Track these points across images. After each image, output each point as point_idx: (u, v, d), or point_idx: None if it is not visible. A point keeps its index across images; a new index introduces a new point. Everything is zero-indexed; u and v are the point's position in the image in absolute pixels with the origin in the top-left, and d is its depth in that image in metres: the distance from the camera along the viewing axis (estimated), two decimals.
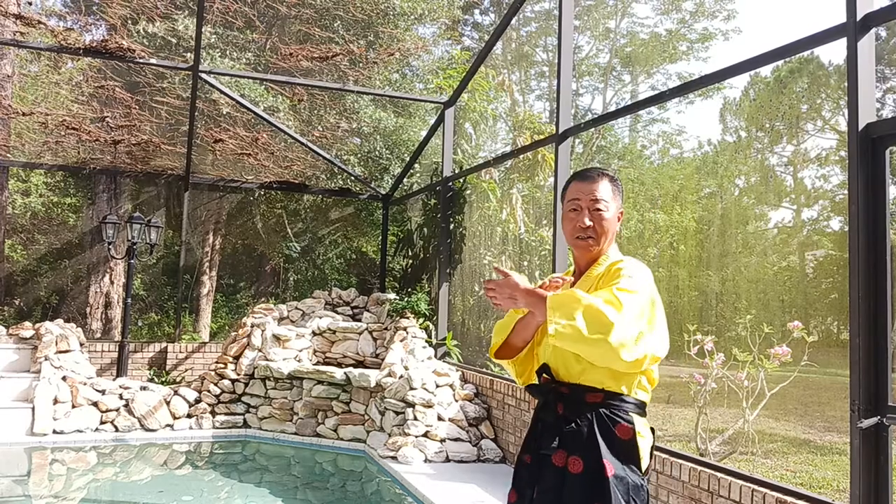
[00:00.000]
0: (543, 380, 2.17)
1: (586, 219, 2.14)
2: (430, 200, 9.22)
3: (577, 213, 2.16)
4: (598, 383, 2.05)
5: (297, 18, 10.11)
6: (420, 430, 5.94)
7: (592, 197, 2.15)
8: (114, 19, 8.37)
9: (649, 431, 2.10)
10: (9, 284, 13.12)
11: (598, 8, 21.86)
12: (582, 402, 2.05)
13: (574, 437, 2.02)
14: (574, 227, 2.17)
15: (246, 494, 5.10)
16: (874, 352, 2.88)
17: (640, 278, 2.04)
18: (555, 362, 2.14)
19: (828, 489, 5.75)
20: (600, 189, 2.16)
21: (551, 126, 9.99)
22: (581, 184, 2.19)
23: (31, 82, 11.51)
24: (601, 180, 2.18)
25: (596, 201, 2.15)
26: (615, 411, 2.05)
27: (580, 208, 2.16)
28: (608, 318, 1.87)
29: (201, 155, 9.54)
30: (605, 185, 2.17)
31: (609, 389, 2.05)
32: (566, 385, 2.09)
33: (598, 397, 2.05)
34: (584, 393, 2.06)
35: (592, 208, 2.15)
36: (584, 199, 2.16)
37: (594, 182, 2.17)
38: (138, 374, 8.24)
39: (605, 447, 2.00)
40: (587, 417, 2.03)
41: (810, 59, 20.43)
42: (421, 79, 13.46)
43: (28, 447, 6.13)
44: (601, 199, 2.15)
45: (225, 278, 15.30)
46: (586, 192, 2.16)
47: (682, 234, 19.38)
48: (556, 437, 2.05)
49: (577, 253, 2.21)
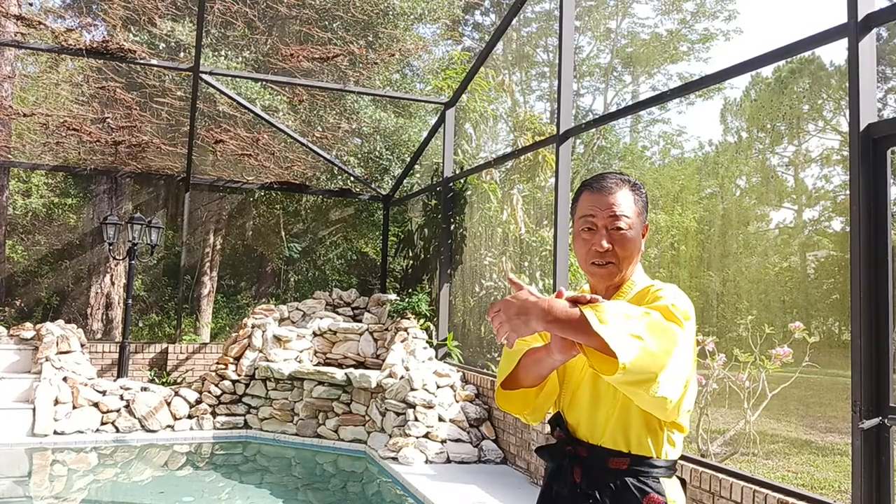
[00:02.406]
0: (557, 435, 1.77)
1: (604, 241, 1.69)
2: (430, 201, 9.22)
3: (593, 234, 1.71)
4: (624, 445, 1.66)
5: (297, 19, 10.11)
6: (421, 430, 5.94)
7: (611, 213, 1.70)
8: (114, 20, 8.38)
9: (680, 493, 1.71)
10: (9, 285, 13.13)
11: (599, 8, 21.86)
12: (605, 468, 1.66)
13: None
14: (589, 250, 1.72)
15: (247, 495, 5.10)
16: (875, 352, 2.88)
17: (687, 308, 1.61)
18: (574, 416, 1.73)
19: (829, 490, 5.74)
20: (620, 202, 1.71)
21: (552, 126, 9.98)
22: (595, 196, 1.73)
23: (31, 83, 11.52)
24: (620, 190, 1.72)
25: (616, 218, 1.69)
26: (643, 479, 1.66)
27: (596, 227, 1.71)
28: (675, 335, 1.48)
29: (202, 155, 9.54)
30: (625, 195, 1.72)
31: (636, 453, 1.66)
32: (585, 446, 1.69)
33: (624, 463, 1.65)
34: (607, 458, 1.66)
35: (612, 227, 1.70)
36: (599, 215, 1.70)
37: (611, 193, 1.71)
38: (139, 375, 8.25)
39: None
40: (610, 488, 1.65)
41: (811, 60, 20.42)
42: (421, 79, 13.47)
43: (29, 448, 6.13)
44: (622, 216, 1.70)
45: (225, 279, 15.30)
46: (603, 207, 1.71)
47: (683, 235, 19.37)
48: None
49: (594, 281, 1.77)
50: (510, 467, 5.78)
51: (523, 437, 5.64)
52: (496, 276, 8.94)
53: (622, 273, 1.74)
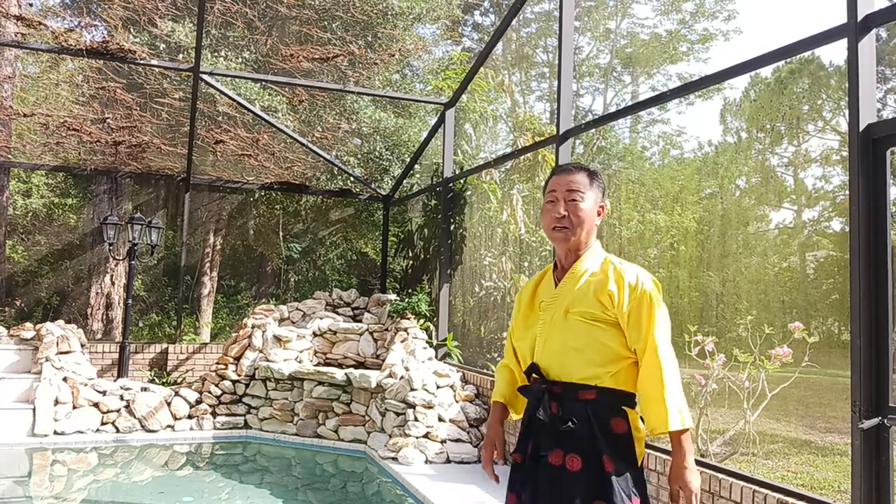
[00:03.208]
0: (533, 380, 2.17)
1: (561, 208, 2.14)
2: (430, 201, 9.22)
3: (553, 204, 2.17)
4: (592, 380, 2.06)
5: (297, 19, 10.11)
6: (421, 430, 5.94)
7: (568, 187, 2.15)
8: (114, 20, 8.38)
9: (641, 423, 2.12)
10: (10, 285, 13.12)
11: (599, 9, 21.86)
12: (576, 399, 2.06)
13: (570, 436, 2.03)
14: (550, 217, 2.17)
15: (247, 495, 5.10)
16: (875, 352, 2.88)
17: (659, 299, 2.11)
18: (546, 361, 2.14)
19: (829, 490, 5.75)
20: (576, 180, 2.17)
21: (552, 127, 9.99)
22: (558, 176, 2.21)
23: (31, 83, 11.52)
24: (578, 172, 2.20)
25: (571, 191, 2.14)
26: (610, 406, 2.07)
27: (556, 199, 2.17)
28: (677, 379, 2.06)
29: (202, 156, 9.54)
30: (581, 176, 2.18)
31: (602, 385, 2.06)
32: (559, 384, 2.09)
33: (592, 394, 2.06)
34: (578, 391, 2.07)
35: (568, 198, 2.14)
36: (559, 189, 2.17)
37: (570, 174, 2.19)
38: (139, 375, 8.25)
39: (602, 443, 2.02)
40: (582, 415, 2.04)
41: (811, 60, 20.43)
42: (421, 79, 13.47)
43: (29, 448, 6.13)
44: (576, 190, 2.15)
45: (225, 279, 15.30)
46: (562, 184, 2.17)
47: (683, 235, 19.37)
48: (552, 437, 2.06)
49: (556, 245, 2.22)
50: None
51: None
52: (496, 277, 8.94)
53: (577, 237, 2.15)
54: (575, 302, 2.11)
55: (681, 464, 2.02)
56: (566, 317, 2.10)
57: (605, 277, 2.11)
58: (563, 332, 2.10)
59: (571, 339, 2.09)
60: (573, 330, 2.09)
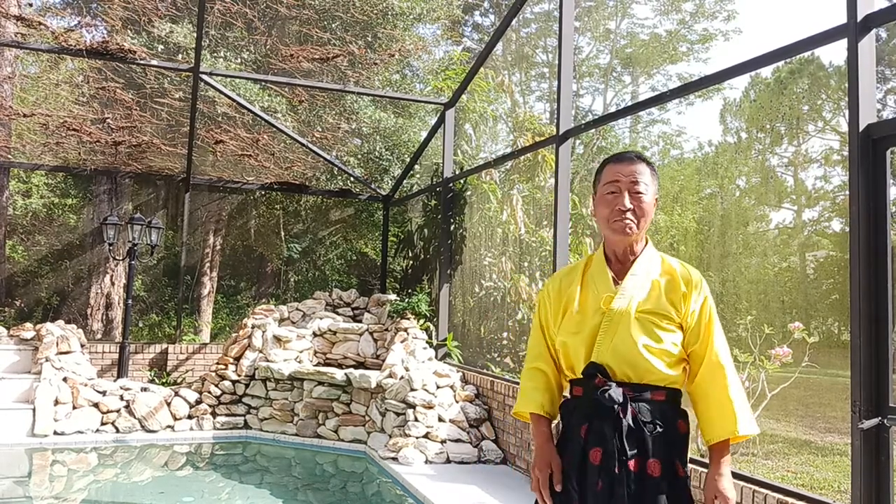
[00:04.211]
0: (599, 381, 2.00)
1: (626, 200, 2.04)
2: (430, 201, 9.22)
3: (616, 196, 2.05)
4: (664, 381, 2.00)
5: (297, 19, 10.11)
6: (421, 431, 5.94)
7: (633, 178, 2.06)
8: (114, 20, 8.38)
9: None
10: (9, 285, 13.12)
11: (599, 9, 21.86)
12: (648, 401, 1.99)
13: (648, 440, 1.95)
14: (613, 209, 2.05)
15: (247, 496, 5.10)
16: (875, 353, 2.88)
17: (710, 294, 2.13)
18: (614, 361, 2.01)
19: (829, 490, 5.75)
20: (639, 170, 2.08)
21: (552, 127, 9.99)
22: (619, 165, 2.09)
23: (31, 83, 11.51)
24: (639, 162, 2.10)
25: (636, 182, 2.05)
26: (675, 408, 2.03)
27: (619, 190, 2.05)
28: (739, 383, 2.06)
29: (202, 156, 9.54)
30: (643, 166, 2.10)
31: (671, 387, 2.02)
32: (629, 385, 1.99)
33: (662, 395, 2.01)
34: (650, 392, 1.99)
35: (633, 190, 2.05)
36: (623, 180, 2.06)
37: (633, 163, 2.09)
38: (139, 375, 8.25)
39: (674, 447, 1.98)
40: (656, 417, 1.97)
41: (811, 60, 20.43)
42: (421, 79, 13.46)
43: (29, 448, 6.13)
44: (641, 181, 2.06)
45: (225, 279, 15.30)
46: (626, 174, 2.06)
47: (683, 235, 19.37)
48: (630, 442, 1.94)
49: (615, 238, 2.09)
50: (510, 467, 5.79)
51: (523, 437, 5.65)
52: (496, 277, 8.94)
53: (638, 231, 2.06)
54: (647, 301, 2.04)
55: (721, 472, 1.98)
56: (637, 315, 2.02)
57: (673, 278, 2.08)
58: (636, 331, 2.00)
59: (645, 338, 2.00)
60: (646, 329, 2.00)
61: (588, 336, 2.05)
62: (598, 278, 2.12)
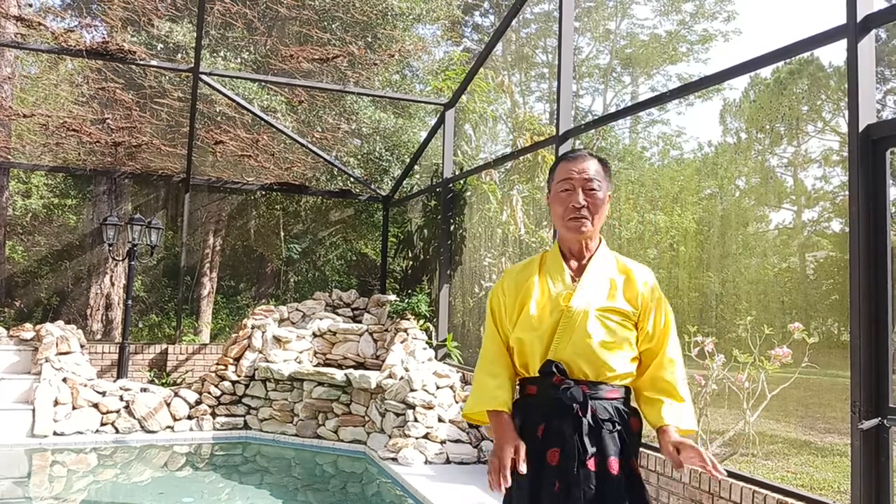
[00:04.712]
0: (557, 380, 1.97)
1: (580, 197, 2.06)
2: (430, 202, 9.22)
3: (570, 193, 2.08)
4: (617, 379, 2.01)
5: (297, 20, 10.11)
6: (420, 431, 5.94)
7: (586, 176, 2.08)
8: (114, 21, 8.38)
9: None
10: (9, 286, 13.12)
11: (598, 9, 21.87)
12: (604, 398, 1.99)
13: (606, 439, 1.95)
14: (567, 207, 2.08)
15: (246, 496, 5.10)
16: (875, 353, 2.88)
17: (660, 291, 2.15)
18: (572, 358, 1.99)
19: (828, 490, 5.75)
20: (592, 168, 2.10)
21: (551, 127, 9.99)
22: (572, 163, 2.11)
23: (31, 83, 11.52)
24: (592, 159, 2.12)
25: (589, 180, 2.07)
26: (629, 405, 2.05)
27: (573, 188, 2.08)
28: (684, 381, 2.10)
29: (201, 156, 9.54)
30: (596, 164, 2.12)
31: (625, 384, 2.04)
32: (586, 383, 1.98)
33: (618, 393, 2.01)
34: (607, 391, 1.99)
35: (586, 187, 2.07)
36: (576, 177, 2.08)
37: (585, 161, 2.11)
38: (139, 376, 8.25)
39: (629, 444, 1.99)
40: (613, 415, 1.98)
41: (810, 61, 20.43)
42: (421, 80, 13.47)
43: (29, 449, 6.13)
44: (594, 178, 2.08)
45: (225, 280, 15.30)
46: (578, 171, 2.09)
47: (683, 236, 19.36)
48: (591, 441, 1.93)
49: (570, 235, 2.11)
50: None
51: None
52: (496, 277, 8.94)
53: (593, 228, 2.09)
54: (605, 298, 2.04)
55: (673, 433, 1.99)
56: (595, 313, 2.01)
57: (629, 277, 2.10)
58: (594, 329, 1.99)
59: (603, 336, 1.99)
60: (604, 327, 2.00)
61: (546, 333, 2.02)
62: (555, 275, 2.11)
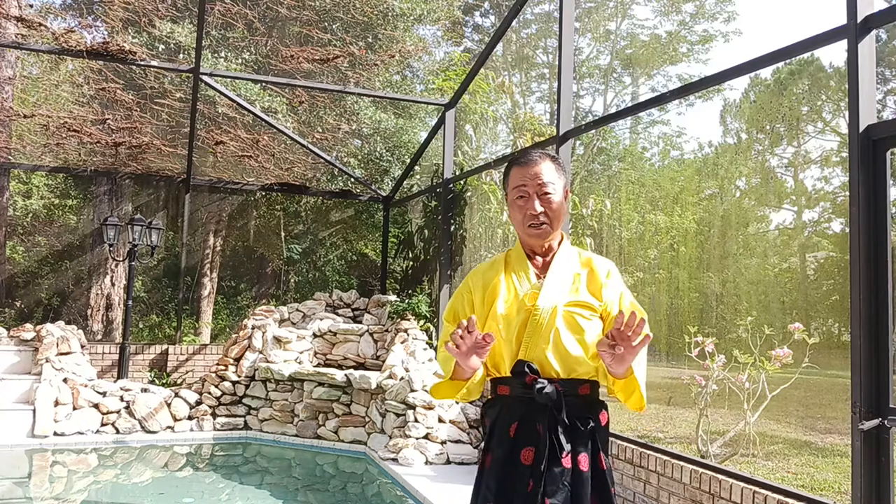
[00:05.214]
0: (529, 379, 1.95)
1: (536, 204, 2.02)
2: (430, 202, 9.22)
3: (526, 200, 2.04)
4: (587, 374, 2.00)
5: (297, 20, 10.12)
6: (421, 431, 5.94)
7: (538, 181, 2.03)
8: (114, 21, 8.38)
9: None
10: (10, 286, 13.12)
11: (599, 10, 21.88)
12: (576, 395, 1.98)
13: (578, 435, 1.94)
14: (525, 214, 2.04)
15: (247, 496, 5.10)
16: (875, 353, 2.88)
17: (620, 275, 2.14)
18: (542, 356, 1.97)
19: (829, 491, 5.74)
20: (544, 171, 2.04)
21: (552, 128, 9.99)
22: (524, 168, 2.06)
23: (32, 84, 11.52)
24: (543, 161, 2.06)
25: (542, 185, 2.03)
26: (597, 399, 2.04)
27: (528, 195, 2.04)
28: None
29: (202, 157, 9.54)
30: (547, 166, 2.06)
31: (593, 379, 2.02)
32: (558, 381, 1.96)
33: (587, 388, 2.01)
34: (577, 386, 1.99)
35: (541, 192, 2.03)
36: (529, 184, 2.03)
37: (536, 164, 2.05)
38: (139, 376, 8.25)
39: (598, 439, 1.98)
40: (585, 411, 1.97)
41: (811, 61, 20.45)
42: (421, 80, 13.47)
43: (29, 449, 6.13)
44: (547, 182, 2.03)
45: (226, 280, 15.30)
46: (531, 177, 2.04)
47: (683, 236, 19.36)
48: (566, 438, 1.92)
49: (531, 241, 2.09)
50: None
51: None
52: None
53: (554, 231, 2.07)
54: (570, 294, 2.03)
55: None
56: (563, 310, 1.99)
57: (591, 269, 2.08)
58: (562, 326, 1.98)
59: (573, 333, 1.98)
60: (572, 323, 1.98)
61: (514, 334, 2.01)
62: (520, 274, 2.09)
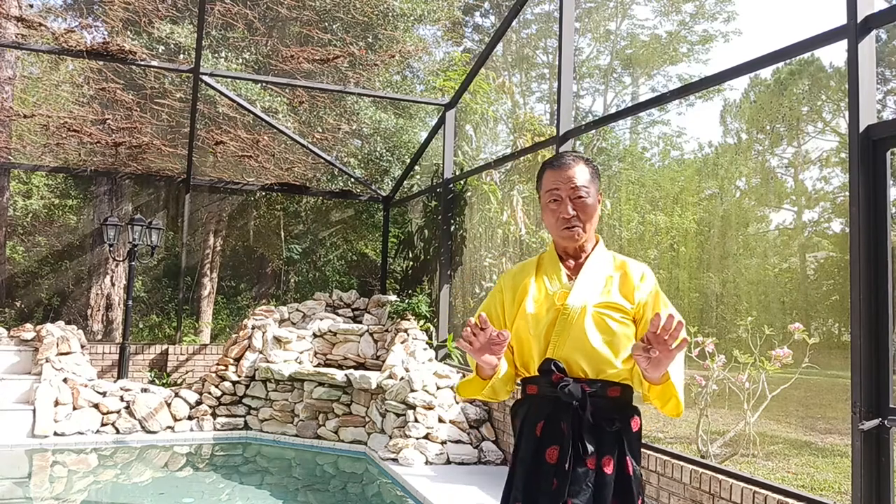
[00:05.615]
0: (556, 377, 1.96)
1: (569, 208, 2.03)
2: (430, 202, 9.22)
3: (559, 204, 2.04)
4: (616, 376, 1.97)
5: (297, 20, 10.12)
6: (421, 431, 5.94)
7: (572, 185, 2.03)
8: (114, 21, 8.38)
9: None
10: (10, 286, 13.12)
11: (599, 10, 21.88)
12: (605, 396, 1.96)
13: (605, 437, 1.93)
14: (558, 218, 2.05)
15: (247, 496, 5.10)
16: (875, 353, 2.88)
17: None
18: (571, 356, 1.97)
19: (829, 491, 5.74)
20: (578, 175, 2.04)
21: (552, 128, 10.00)
22: (557, 172, 2.06)
23: (32, 84, 11.53)
24: (577, 164, 2.06)
25: (576, 188, 2.03)
26: (630, 404, 2.02)
27: (561, 198, 2.04)
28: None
29: (202, 157, 9.54)
30: (581, 169, 2.06)
31: (626, 382, 2.00)
32: (585, 381, 1.95)
33: (618, 391, 1.98)
34: (607, 388, 1.96)
35: (574, 196, 2.03)
36: (563, 188, 2.03)
37: (570, 168, 2.05)
38: (139, 376, 8.25)
39: (626, 443, 1.96)
40: (613, 413, 1.95)
41: (811, 61, 20.44)
42: (422, 80, 13.47)
43: (29, 449, 6.13)
44: (581, 186, 2.03)
45: (226, 280, 15.30)
46: (564, 181, 2.04)
47: (683, 236, 19.36)
48: (591, 439, 1.91)
49: (564, 242, 2.10)
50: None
51: None
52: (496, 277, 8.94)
53: (586, 234, 2.08)
54: (601, 295, 2.03)
55: None
56: (592, 310, 1.99)
57: (625, 273, 2.07)
58: (591, 326, 1.97)
59: (601, 333, 1.97)
60: (601, 324, 1.98)
61: (543, 332, 2.01)
62: (552, 275, 2.10)
